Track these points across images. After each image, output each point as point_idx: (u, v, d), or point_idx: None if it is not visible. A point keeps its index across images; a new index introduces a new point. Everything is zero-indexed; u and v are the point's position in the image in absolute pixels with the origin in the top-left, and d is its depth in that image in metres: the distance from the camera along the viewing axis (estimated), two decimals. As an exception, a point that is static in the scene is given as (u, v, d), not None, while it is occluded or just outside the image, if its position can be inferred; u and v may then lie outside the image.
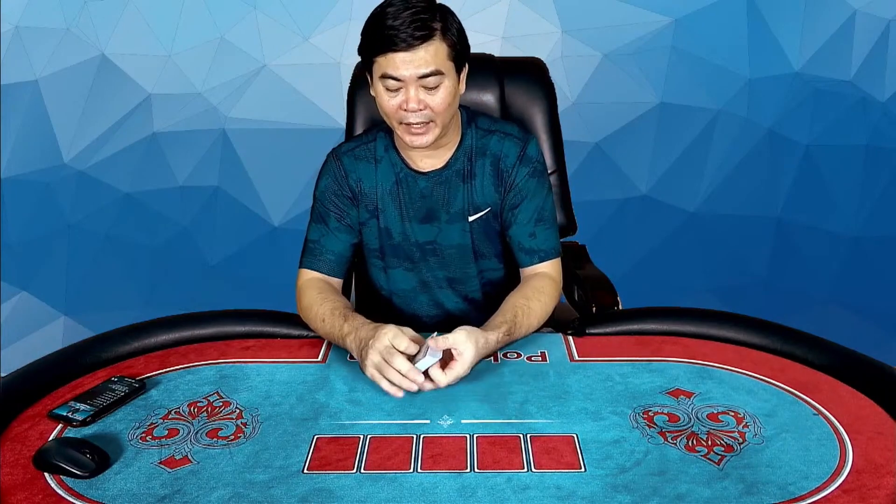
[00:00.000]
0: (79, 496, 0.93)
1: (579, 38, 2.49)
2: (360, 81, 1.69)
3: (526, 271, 1.42)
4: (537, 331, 1.35)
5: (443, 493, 0.93)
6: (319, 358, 1.28)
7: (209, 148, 2.58)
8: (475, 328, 1.19)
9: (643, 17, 2.47)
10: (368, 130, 1.50)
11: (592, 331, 1.35)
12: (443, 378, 1.13)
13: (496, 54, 1.76)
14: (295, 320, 1.38)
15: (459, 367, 1.14)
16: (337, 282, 1.43)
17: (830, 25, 2.45)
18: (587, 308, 1.57)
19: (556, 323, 1.39)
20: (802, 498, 0.91)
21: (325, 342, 1.33)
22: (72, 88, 2.51)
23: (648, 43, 2.49)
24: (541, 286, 1.36)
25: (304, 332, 1.35)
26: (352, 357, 1.27)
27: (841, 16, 2.44)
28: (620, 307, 1.56)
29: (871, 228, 2.59)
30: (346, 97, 1.72)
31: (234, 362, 1.26)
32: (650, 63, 2.50)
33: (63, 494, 0.93)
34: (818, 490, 0.92)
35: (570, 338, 1.34)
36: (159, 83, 2.53)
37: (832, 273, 2.64)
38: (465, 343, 1.15)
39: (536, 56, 1.79)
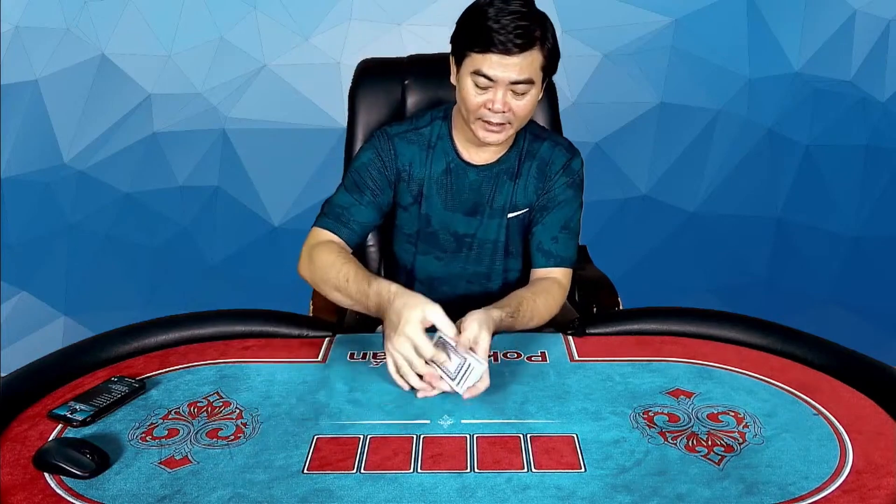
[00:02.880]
0: (79, 496, 0.93)
1: (579, 38, 2.49)
2: (361, 81, 1.69)
3: (538, 272, 1.43)
4: (537, 330, 1.35)
5: (443, 493, 0.93)
6: (319, 358, 1.28)
7: (209, 148, 2.58)
8: (476, 312, 1.18)
9: (643, 17, 2.47)
10: (421, 115, 1.48)
11: (592, 331, 1.35)
12: (484, 383, 1.12)
13: (496, 54, 1.75)
14: (295, 320, 1.37)
15: (482, 351, 1.13)
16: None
17: (830, 25, 2.45)
18: (587, 308, 1.57)
19: (556, 323, 1.39)
20: (802, 498, 0.91)
21: (325, 342, 1.33)
22: (72, 88, 2.51)
23: (648, 43, 2.49)
24: (548, 287, 1.38)
25: (305, 332, 1.35)
26: (352, 356, 1.28)
27: (841, 16, 2.44)
28: (621, 307, 1.56)
29: (871, 228, 2.59)
30: (346, 97, 1.72)
31: (234, 362, 1.26)
32: (650, 63, 2.50)
33: (63, 494, 0.93)
34: (818, 490, 0.92)
35: (570, 338, 1.34)
36: (159, 83, 2.53)
37: (832, 273, 2.64)
38: (478, 330, 1.14)
39: (536, 56, 1.78)
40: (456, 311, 1.49)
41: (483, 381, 1.12)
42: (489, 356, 1.21)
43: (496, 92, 1.28)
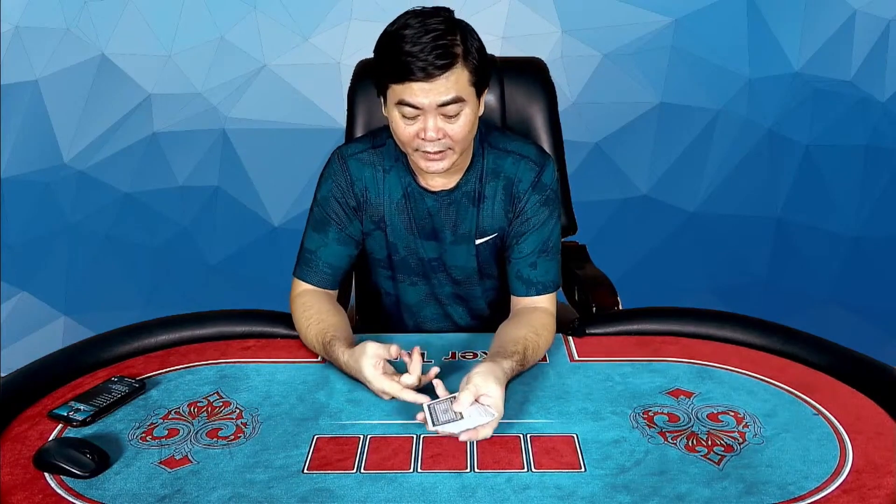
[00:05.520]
0: (79, 496, 0.93)
1: (579, 38, 2.49)
2: (361, 81, 1.69)
3: (521, 301, 1.35)
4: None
5: (443, 493, 0.93)
6: (319, 358, 1.28)
7: (209, 148, 2.58)
8: (487, 365, 1.09)
9: (643, 17, 2.47)
10: (378, 133, 1.40)
11: (592, 331, 1.35)
12: (488, 431, 1.03)
13: (496, 54, 1.75)
14: (295, 320, 1.38)
15: (497, 412, 1.04)
16: (332, 293, 1.39)
17: (830, 25, 2.45)
18: (587, 308, 1.57)
19: (556, 323, 1.39)
20: (802, 498, 0.91)
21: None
22: (72, 88, 2.51)
23: (648, 43, 2.49)
24: (546, 323, 1.30)
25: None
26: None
27: (841, 16, 2.44)
28: (620, 307, 1.56)
29: (871, 228, 2.59)
30: (346, 97, 1.71)
31: (234, 362, 1.26)
32: (650, 63, 2.50)
33: (63, 494, 0.93)
34: (818, 490, 0.93)
35: (570, 338, 1.34)
36: (159, 83, 2.53)
37: (832, 273, 2.64)
38: (489, 386, 1.05)
39: (536, 56, 1.79)
40: (448, 331, 1.47)
41: (485, 430, 1.03)
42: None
43: (426, 119, 1.20)
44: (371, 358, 1.13)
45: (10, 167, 2.55)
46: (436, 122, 1.21)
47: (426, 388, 1.12)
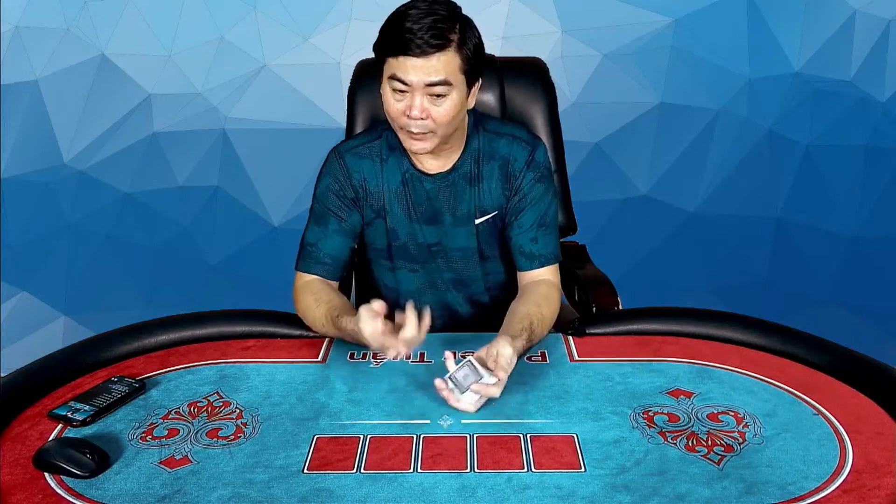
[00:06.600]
0: (79, 496, 0.93)
1: (579, 38, 2.49)
2: (361, 81, 1.70)
3: (526, 275, 1.41)
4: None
5: (443, 493, 0.93)
6: (319, 358, 1.28)
7: (209, 148, 2.58)
8: (503, 337, 1.17)
9: (643, 17, 2.47)
10: (373, 128, 1.47)
11: (592, 331, 1.35)
12: (495, 390, 1.11)
13: (496, 54, 1.76)
14: (295, 320, 1.38)
15: (504, 371, 1.12)
16: (334, 284, 1.42)
17: (830, 25, 2.45)
18: (587, 308, 1.57)
19: (556, 323, 1.39)
20: (802, 498, 0.91)
21: (326, 342, 1.33)
22: (72, 88, 2.51)
23: (648, 43, 2.49)
24: (548, 293, 1.35)
25: (304, 332, 1.35)
26: (352, 356, 1.28)
27: (841, 16, 2.44)
28: (620, 307, 1.56)
29: (871, 228, 2.59)
30: (346, 97, 1.72)
31: (234, 362, 1.27)
32: (650, 63, 2.50)
33: (63, 494, 0.93)
34: (818, 490, 0.93)
35: (570, 338, 1.34)
36: (159, 83, 2.53)
37: (832, 273, 2.64)
38: (506, 349, 1.14)
39: (536, 56, 1.79)
40: (447, 321, 1.50)
41: (494, 389, 1.10)
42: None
43: (413, 96, 1.25)
44: (367, 317, 1.16)
45: (10, 167, 2.55)
46: (422, 101, 1.26)
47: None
